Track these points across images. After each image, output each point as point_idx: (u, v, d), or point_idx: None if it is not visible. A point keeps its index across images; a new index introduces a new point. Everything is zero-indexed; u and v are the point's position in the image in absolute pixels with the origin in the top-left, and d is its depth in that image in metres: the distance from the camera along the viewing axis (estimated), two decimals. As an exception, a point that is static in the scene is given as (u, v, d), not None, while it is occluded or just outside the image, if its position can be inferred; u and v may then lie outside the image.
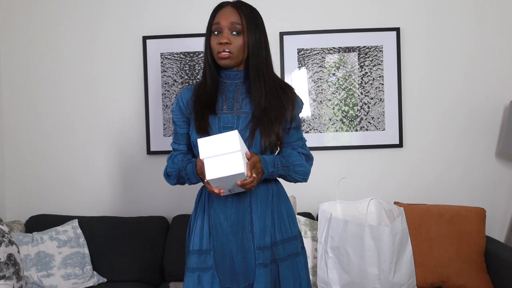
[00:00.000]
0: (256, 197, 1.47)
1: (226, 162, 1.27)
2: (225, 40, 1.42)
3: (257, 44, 1.45)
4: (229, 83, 1.51)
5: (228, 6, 1.47)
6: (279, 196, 1.53)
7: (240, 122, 1.46)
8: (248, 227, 1.45)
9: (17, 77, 2.66)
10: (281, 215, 1.51)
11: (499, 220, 2.59)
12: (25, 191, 2.67)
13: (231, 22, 1.43)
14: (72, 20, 2.64)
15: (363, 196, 2.21)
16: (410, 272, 2.00)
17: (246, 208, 1.46)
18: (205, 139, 1.29)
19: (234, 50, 1.43)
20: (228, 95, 1.50)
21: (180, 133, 1.55)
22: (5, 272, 1.96)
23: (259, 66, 1.46)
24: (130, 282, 2.35)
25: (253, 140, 1.43)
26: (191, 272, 1.47)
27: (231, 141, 1.27)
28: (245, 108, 1.48)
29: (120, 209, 2.65)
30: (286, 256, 1.48)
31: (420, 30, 2.58)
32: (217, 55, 1.44)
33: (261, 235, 1.44)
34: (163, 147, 2.61)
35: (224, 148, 1.27)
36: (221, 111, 1.48)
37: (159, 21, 2.62)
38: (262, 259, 1.42)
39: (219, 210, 1.46)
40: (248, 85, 1.49)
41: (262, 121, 1.44)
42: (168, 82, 2.61)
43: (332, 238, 1.98)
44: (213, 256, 1.45)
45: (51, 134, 2.66)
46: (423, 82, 2.59)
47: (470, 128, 2.59)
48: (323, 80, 2.60)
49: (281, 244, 1.48)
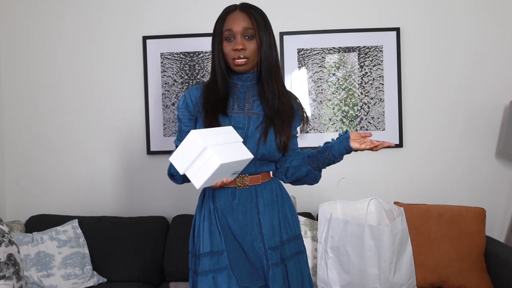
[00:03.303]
0: (263, 198, 1.47)
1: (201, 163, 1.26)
2: (240, 47, 1.42)
3: (268, 46, 1.46)
4: (240, 84, 1.51)
5: (237, 11, 1.46)
6: (282, 196, 1.54)
7: (251, 123, 1.46)
8: (257, 228, 1.45)
9: (17, 77, 2.66)
10: (285, 214, 1.52)
11: (499, 220, 2.59)
12: (25, 191, 2.67)
13: (243, 27, 1.43)
14: (72, 20, 2.64)
15: (363, 196, 2.21)
16: (410, 272, 2.00)
17: (253, 209, 1.46)
18: (173, 156, 1.29)
19: (249, 55, 1.44)
20: (239, 96, 1.50)
21: (184, 130, 1.52)
22: (5, 272, 1.96)
23: (271, 67, 1.47)
24: (130, 282, 2.35)
25: (266, 139, 1.44)
26: (204, 275, 1.42)
27: (193, 143, 1.25)
28: (256, 109, 1.49)
29: (120, 209, 2.65)
30: (292, 255, 1.49)
31: (420, 30, 2.59)
32: (232, 61, 1.44)
33: (271, 236, 1.44)
34: (163, 147, 2.61)
35: (193, 152, 1.26)
36: (232, 111, 1.48)
37: (159, 21, 2.62)
38: (274, 259, 1.43)
39: (227, 212, 1.45)
40: (260, 86, 1.50)
41: (274, 122, 1.45)
42: (168, 82, 2.61)
43: (332, 238, 1.98)
44: (227, 257, 1.42)
45: (51, 134, 2.66)
46: (423, 82, 2.59)
47: (470, 128, 2.59)
48: (323, 80, 2.60)
49: (287, 244, 1.49)
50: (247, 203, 1.46)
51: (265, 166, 1.50)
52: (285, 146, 1.46)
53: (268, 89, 1.47)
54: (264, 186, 1.49)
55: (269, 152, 1.45)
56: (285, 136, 1.46)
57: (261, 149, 1.44)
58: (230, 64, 1.46)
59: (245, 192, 1.47)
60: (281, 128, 1.45)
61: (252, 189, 1.47)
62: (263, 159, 1.47)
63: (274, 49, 1.48)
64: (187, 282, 2.28)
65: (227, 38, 1.45)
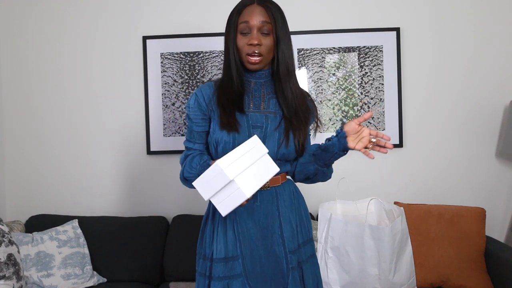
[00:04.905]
0: (283, 200, 1.45)
1: (228, 193, 1.23)
2: (256, 42, 1.37)
3: (286, 43, 1.42)
4: (254, 82, 1.47)
5: (254, 4, 1.40)
6: (298, 198, 1.52)
7: (269, 122, 1.43)
8: (278, 231, 1.42)
9: (17, 77, 2.66)
10: (301, 217, 1.50)
11: (499, 220, 2.59)
12: (25, 191, 2.67)
13: (261, 21, 1.37)
14: (72, 20, 2.64)
15: (363, 196, 2.21)
16: (410, 272, 2.00)
17: (275, 211, 1.43)
18: (197, 181, 1.25)
19: (264, 51, 1.39)
20: (254, 94, 1.46)
21: (196, 131, 1.46)
22: (5, 272, 1.96)
23: (289, 66, 1.43)
24: (130, 282, 2.35)
25: (288, 140, 1.41)
26: (218, 281, 1.39)
27: (219, 173, 1.21)
28: (272, 108, 1.45)
29: (120, 209, 2.65)
30: (307, 258, 1.48)
31: (420, 30, 2.59)
32: (246, 57, 1.39)
33: (291, 239, 1.42)
34: (163, 147, 2.61)
35: (219, 182, 1.22)
36: (248, 110, 1.44)
37: (159, 21, 2.62)
38: (294, 263, 1.41)
39: (247, 215, 1.41)
40: (275, 84, 1.46)
41: (292, 122, 1.43)
42: (168, 82, 2.61)
43: (332, 238, 1.98)
44: (242, 263, 1.39)
45: (51, 134, 2.66)
46: (423, 82, 2.59)
47: (470, 128, 2.59)
48: (323, 80, 2.60)
49: (303, 247, 1.47)
50: (268, 206, 1.43)
51: (283, 166, 1.47)
52: (303, 147, 1.44)
53: (286, 89, 1.43)
54: (283, 188, 1.46)
55: (289, 152, 1.43)
56: (302, 137, 1.43)
57: (281, 150, 1.42)
58: (243, 60, 1.41)
59: (266, 194, 1.43)
60: (298, 129, 1.43)
61: (273, 190, 1.45)
62: (282, 159, 1.45)
63: (291, 46, 1.44)
64: (187, 282, 2.30)
65: (242, 32, 1.39)
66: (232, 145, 1.38)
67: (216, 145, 1.42)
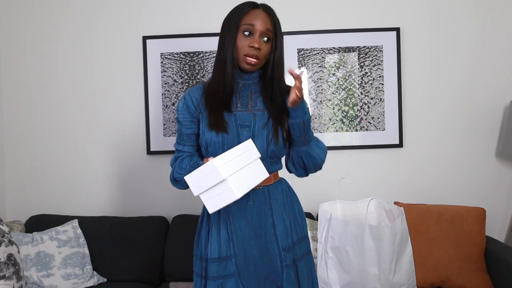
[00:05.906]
0: (276, 198, 1.47)
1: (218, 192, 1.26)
2: (258, 46, 1.40)
3: (280, 52, 1.46)
4: (242, 83, 1.49)
5: (260, 9, 1.44)
6: (291, 196, 1.54)
7: (257, 120, 1.45)
8: (271, 229, 1.44)
9: (17, 77, 2.66)
10: (295, 215, 1.52)
11: (499, 220, 2.59)
12: (25, 191, 2.67)
13: (266, 28, 1.42)
14: (72, 20, 2.64)
15: (363, 196, 2.21)
16: (410, 272, 2.00)
17: (267, 210, 1.45)
18: (189, 176, 1.28)
19: (261, 57, 1.43)
20: (241, 94, 1.49)
21: (185, 133, 1.49)
22: (5, 272, 1.96)
23: (279, 71, 1.47)
24: (130, 282, 2.35)
25: (277, 138, 1.44)
26: (212, 280, 1.42)
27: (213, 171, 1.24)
28: (259, 106, 1.48)
29: (120, 209, 2.65)
30: (302, 255, 1.49)
31: (420, 30, 2.59)
32: (244, 57, 1.42)
33: (285, 236, 1.44)
34: (163, 147, 2.61)
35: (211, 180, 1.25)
36: (236, 109, 1.47)
37: (159, 21, 2.62)
38: (288, 260, 1.43)
39: (240, 215, 1.43)
40: (262, 84, 1.50)
41: (279, 119, 1.45)
42: (168, 82, 2.61)
43: (332, 238, 1.98)
44: (235, 263, 1.41)
45: (51, 134, 2.66)
46: (423, 82, 2.59)
47: (470, 128, 2.59)
48: (323, 80, 2.60)
49: (297, 244, 1.49)
50: (261, 205, 1.45)
51: (275, 164, 1.50)
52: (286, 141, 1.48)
53: (273, 90, 1.47)
54: (276, 187, 1.49)
55: (279, 149, 1.45)
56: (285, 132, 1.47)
57: (271, 147, 1.44)
58: (240, 59, 1.43)
59: (259, 193, 1.46)
60: (285, 125, 1.46)
61: (266, 189, 1.47)
62: (273, 156, 1.47)
63: (283, 53, 1.49)
64: (187, 282, 2.30)
65: (245, 32, 1.41)
66: (221, 145, 1.41)
67: (206, 146, 1.45)
